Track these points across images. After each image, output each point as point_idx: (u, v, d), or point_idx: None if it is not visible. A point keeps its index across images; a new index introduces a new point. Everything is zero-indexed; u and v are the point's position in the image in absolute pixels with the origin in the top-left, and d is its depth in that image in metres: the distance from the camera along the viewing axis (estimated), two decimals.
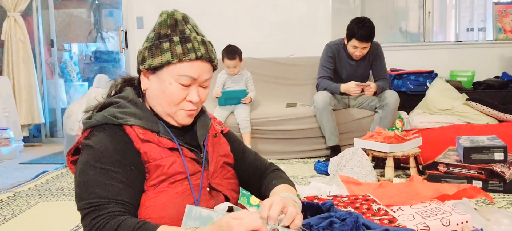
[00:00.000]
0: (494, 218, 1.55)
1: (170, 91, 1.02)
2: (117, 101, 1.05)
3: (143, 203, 0.98)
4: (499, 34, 4.22)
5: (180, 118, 1.05)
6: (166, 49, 1.01)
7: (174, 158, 1.02)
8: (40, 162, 3.63)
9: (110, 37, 6.03)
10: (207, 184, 1.06)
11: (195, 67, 1.02)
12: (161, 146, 1.02)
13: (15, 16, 4.26)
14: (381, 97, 3.25)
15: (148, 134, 1.01)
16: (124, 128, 1.00)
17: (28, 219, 2.20)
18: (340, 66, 3.40)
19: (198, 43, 1.02)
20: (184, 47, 1.01)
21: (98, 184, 0.93)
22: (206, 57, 1.03)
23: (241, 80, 3.50)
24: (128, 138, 1.00)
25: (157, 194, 0.98)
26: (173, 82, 1.02)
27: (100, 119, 1.01)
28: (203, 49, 1.02)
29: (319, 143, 3.40)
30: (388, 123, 3.17)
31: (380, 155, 2.64)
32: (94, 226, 0.89)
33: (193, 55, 1.01)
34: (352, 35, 3.18)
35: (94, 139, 0.98)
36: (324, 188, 2.18)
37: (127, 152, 0.98)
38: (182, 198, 0.99)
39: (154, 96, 1.05)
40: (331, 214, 1.18)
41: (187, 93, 1.03)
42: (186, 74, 1.01)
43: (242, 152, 1.21)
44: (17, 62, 4.27)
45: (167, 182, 0.99)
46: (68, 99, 5.35)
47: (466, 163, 2.38)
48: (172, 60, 1.01)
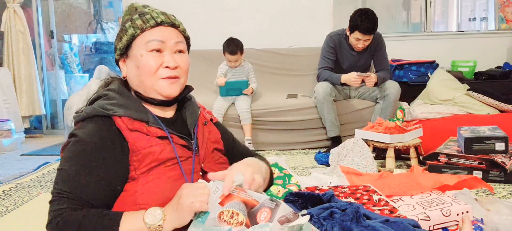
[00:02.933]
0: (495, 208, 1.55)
1: (144, 62, 1.04)
2: (106, 93, 1.07)
3: (135, 189, 0.98)
4: (501, 24, 4.20)
5: (163, 88, 1.06)
6: (128, 28, 1.07)
7: (164, 145, 1.03)
8: (42, 153, 3.64)
9: (110, 28, 6.01)
10: (199, 168, 1.07)
11: (159, 32, 1.05)
12: (151, 134, 1.02)
13: (15, 7, 4.24)
14: (382, 88, 3.25)
15: (137, 124, 1.02)
16: (113, 119, 1.02)
17: (30, 210, 2.21)
18: (341, 57, 3.38)
19: (156, 13, 1.07)
20: (144, 19, 1.06)
21: (75, 178, 0.94)
22: (167, 22, 1.07)
23: (242, 73, 3.49)
24: (116, 128, 1.01)
25: (149, 180, 0.99)
26: (144, 52, 1.05)
27: (89, 111, 1.03)
28: (163, 17, 1.07)
29: (319, 134, 3.40)
30: (389, 113, 3.17)
31: (381, 145, 2.65)
32: (60, 215, 0.90)
33: (153, 22, 1.05)
34: (355, 27, 3.16)
35: (82, 130, 1.00)
36: (325, 179, 2.19)
37: (114, 143, 0.99)
38: (174, 182, 1.00)
39: (133, 76, 1.08)
40: (331, 204, 1.19)
41: (162, 60, 1.05)
42: (152, 39, 1.04)
43: (232, 140, 1.24)
44: (17, 54, 4.27)
45: (158, 168, 1.00)
46: (68, 90, 5.34)
47: (467, 153, 2.38)
48: (135, 33, 1.05)
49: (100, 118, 1.01)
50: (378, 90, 3.28)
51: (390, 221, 1.12)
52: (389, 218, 1.14)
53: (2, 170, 3.07)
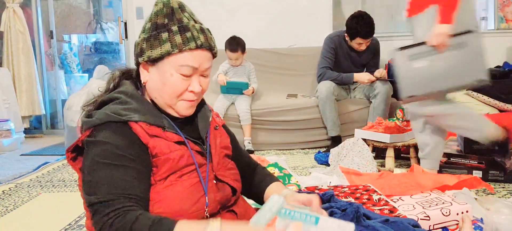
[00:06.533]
0: (494, 208, 1.55)
1: (172, 82, 0.99)
2: (118, 97, 1.01)
3: (152, 197, 0.95)
4: (501, 23, 4.20)
5: (181, 109, 1.03)
6: (165, 40, 0.98)
7: (182, 151, 1.00)
8: (41, 153, 3.64)
9: (110, 28, 6.01)
10: (213, 176, 1.05)
11: (196, 57, 0.99)
12: (168, 140, 0.99)
13: (14, 7, 4.24)
14: (372, 86, 3.32)
15: (154, 129, 0.99)
16: (129, 124, 0.97)
17: (29, 210, 2.21)
18: (341, 57, 3.42)
19: (197, 31, 1.00)
20: (184, 37, 0.98)
21: (107, 180, 0.90)
22: (206, 46, 1.00)
23: (243, 72, 3.49)
24: (134, 134, 0.96)
25: (166, 188, 0.96)
26: (174, 73, 0.99)
27: (102, 117, 0.96)
28: (202, 38, 1.00)
29: (319, 134, 3.40)
30: (382, 111, 3.22)
31: (380, 145, 2.65)
32: (107, 223, 0.85)
33: (193, 44, 0.98)
34: (356, 34, 3.24)
35: (100, 135, 0.95)
36: (324, 179, 2.19)
37: (134, 147, 0.95)
38: (191, 191, 0.98)
39: (155, 89, 1.03)
40: (331, 204, 1.19)
41: (189, 83, 1.01)
42: (187, 64, 0.99)
43: (237, 145, 1.22)
44: (16, 54, 4.26)
45: (175, 175, 0.98)
46: (68, 90, 5.35)
47: (467, 153, 2.38)
48: (172, 50, 0.98)
49: (114, 124, 0.96)
50: (369, 89, 3.33)
51: (390, 220, 1.12)
52: (389, 218, 1.14)
53: (2, 170, 3.07)
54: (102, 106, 1.00)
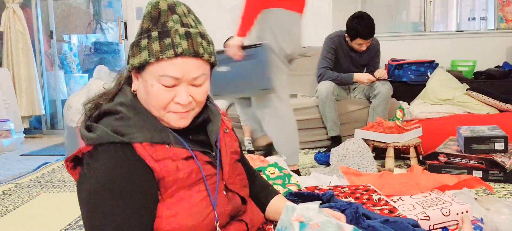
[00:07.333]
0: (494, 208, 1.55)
1: (153, 93, 0.90)
2: (119, 110, 0.91)
3: (160, 214, 0.89)
4: (501, 23, 4.20)
5: (171, 121, 0.93)
6: (143, 47, 0.89)
7: (191, 167, 0.93)
8: (41, 153, 3.64)
9: (110, 28, 6.01)
10: (222, 186, 0.99)
11: (176, 65, 0.88)
12: (176, 159, 0.91)
13: (14, 8, 4.24)
14: (372, 86, 3.31)
15: (160, 150, 0.90)
16: (132, 145, 0.88)
17: (29, 210, 2.21)
18: (341, 57, 3.42)
19: (179, 37, 0.88)
20: (162, 44, 0.87)
21: (108, 218, 0.83)
22: (189, 53, 0.88)
23: None
24: (138, 156, 0.88)
25: (175, 204, 0.91)
26: (155, 83, 0.89)
27: (103, 135, 0.87)
28: (185, 44, 0.88)
29: (319, 134, 3.40)
30: (382, 111, 3.21)
31: (380, 145, 2.65)
32: None
33: (171, 53, 0.87)
34: (356, 35, 3.24)
35: (98, 162, 0.86)
36: (324, 179, 2.19)
37: (137, 172, 0.87)
38: (202, 205, 0.93)
39: (142, 99, 0.94)
40: (331, 204, 1.19)
41: (174, 94, 0.90)
42: (166, 74, 0.88)
43: (242, 149, 1.18)
44: (16, 54, 4.27)
45: (183, 190, 0.92)
46: (68, 90, 5.35)
47: (467, 153, 2.38)
48: (149, 59, 0.88)
49: (115, 145, 0.87)
50: (369, 89, 3.32)
51: (390, 220, 1.12)
52: (389, 218, 1.14)
53: (1, 170, 3.07)
54: (103, 117, 0.92)
